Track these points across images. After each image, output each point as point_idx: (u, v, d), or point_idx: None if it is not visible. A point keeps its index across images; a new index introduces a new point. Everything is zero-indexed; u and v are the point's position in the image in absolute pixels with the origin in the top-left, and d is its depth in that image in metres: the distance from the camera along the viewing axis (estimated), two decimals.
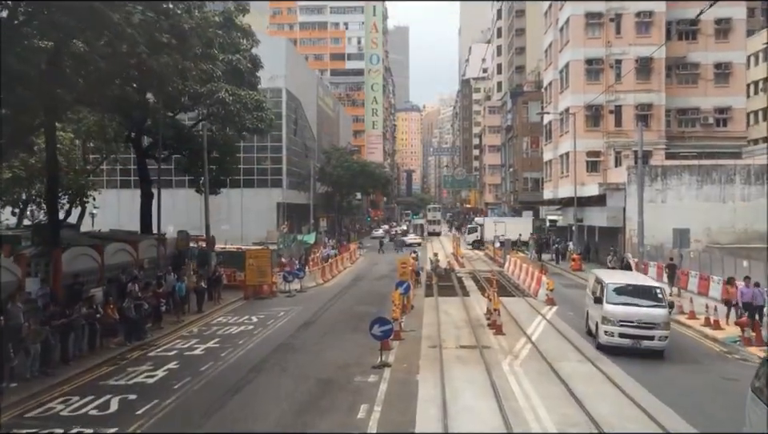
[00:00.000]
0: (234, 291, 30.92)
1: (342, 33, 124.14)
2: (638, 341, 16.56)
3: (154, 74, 18.78)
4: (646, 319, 16.60)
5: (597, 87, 43.62)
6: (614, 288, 17.47)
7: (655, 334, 16.55)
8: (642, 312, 16.70)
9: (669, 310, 17.28)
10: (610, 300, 17.13)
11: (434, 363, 16.23)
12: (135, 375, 15.92)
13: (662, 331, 16.59)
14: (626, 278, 19.75)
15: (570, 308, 25.54)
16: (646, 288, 17.80)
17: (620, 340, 16.73)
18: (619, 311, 16.83)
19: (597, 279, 19.02)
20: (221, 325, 23.00)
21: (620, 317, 16.75)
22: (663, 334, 16.62)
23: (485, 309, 24.10)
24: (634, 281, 18.75)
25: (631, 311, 16.76)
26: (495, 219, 62.64)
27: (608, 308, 16.98)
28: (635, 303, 17.00)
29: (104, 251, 24.04)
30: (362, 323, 21.74)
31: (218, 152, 33.11)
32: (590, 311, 19.33)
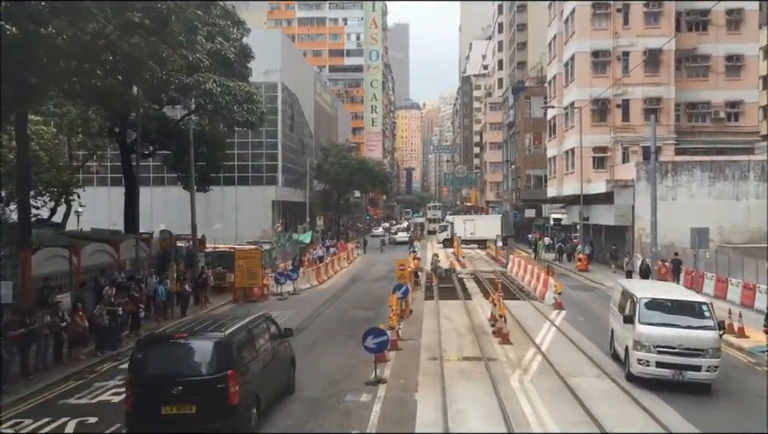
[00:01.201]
0: (223, 293, 29.34)
1: (341, 29, 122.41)
2: (681, 372, 13.25)
3: (128, 59, 17.09)
4: (690, 343, 13.27)
5: (603, 80, 41.89)
6: (649, 304, 14.14)
7: (702, 363, 13.19)
8: (685, 335, 13.38)
9: (719, 332, 13.69)
10: (643, 320, 13.81)
11: (434, 378, 14.56)
12: (101, 392, 14.29)
13: (710, 360, 13.22)
14: (661, 291, 16.07)
15: (580, 312, 23.89)
16: (689, 304, 14.30)
17: (658, 371, 13.40)
18: (656, 333, 13.53)
19: (625, 291, 15.76)
20: None
21: (657, 342, 13.41)
22: (712, 363, 13.24)
23: (488, 314, 22.44)
24: (672, 295, 15.09)
25: (672, 333, 13.45)
26: (465, 217, 62.57)
27: (642, 330, 13.66)
28: (676, 324, 13.69)
29: (81, 251, 22.45)
30: (356, 330, 20.07)
31: (206, 147, 31.40)
32: (616, 329, 15.96)
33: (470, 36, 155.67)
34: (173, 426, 10.29)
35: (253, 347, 11.98)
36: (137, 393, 10.56)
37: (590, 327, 20.92)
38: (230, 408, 10.44)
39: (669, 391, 13.27)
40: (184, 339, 11.17)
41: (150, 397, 10.47)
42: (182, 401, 10.31)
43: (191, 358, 10.94)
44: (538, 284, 28.82)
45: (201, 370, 10.70)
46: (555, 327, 20.77)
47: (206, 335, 11.43)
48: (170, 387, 10.36)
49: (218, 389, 10.38)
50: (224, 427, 10.46)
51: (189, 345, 11.10)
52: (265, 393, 11.96)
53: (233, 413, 10.49)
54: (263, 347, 12.40)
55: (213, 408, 10.39)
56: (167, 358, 10.97)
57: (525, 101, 65.38)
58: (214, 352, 10.75)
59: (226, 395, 10.39)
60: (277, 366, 12.97)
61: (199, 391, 10.44)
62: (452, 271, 37.52)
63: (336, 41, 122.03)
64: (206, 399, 10.40)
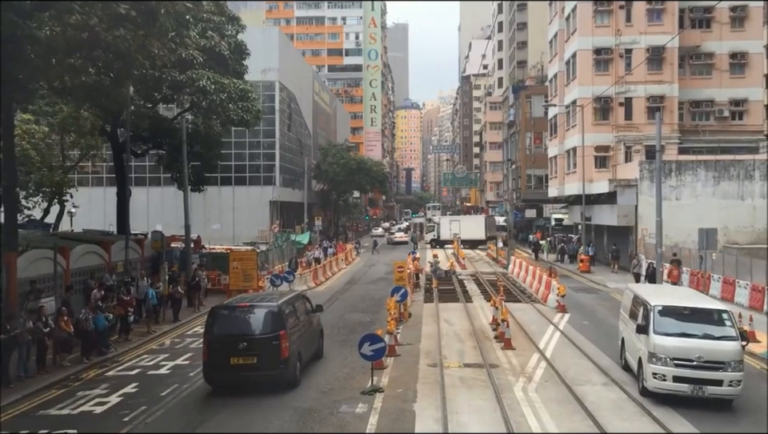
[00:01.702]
0: (218, 296, 28.62)
1: (340, 28, 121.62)
2: (700, 387, 12.14)
3: (115, 53, 16.39)
4: (710, 356, 12.20)
5: (606, 78, 41.20)
6: (664, 312, 13.00)
7: (724, 377, 12.11)
8: (704, 347, 12.32)
9: (742, 343, 12.57)
10: (659, 329, 12.70)
11: (433, 387, 13.86)
12: (84, 402, 13.59)
13: (732, 374, 12.11)
14: (677, 297, 14.78)
15: (584, 316, 23.18)
16: (708, 312, 13.13)
17: (675, 386, 12.30)
18: (673, 345, 12.44)
19: (636, 297, 14.56)
20: (197, 336, 20.56)
21: (674, 354, 12.34)
22: (735, 377, 12.13)
23: (490, 317, 21.76)
24: (689, 301, 13.90)
25: (690, 345, 12.38)
26: (451, 218, 63.05)
27: (657, 341, 12.56)
28: (694, 334, 12.60)
29: (70, 253, 21.75)
30: (352, 335, 19.45)
31: (201, 146, 30.70)
32: (627, 338, 14.85)
33: (469, 36, 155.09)
34: (239, 372, 13.50)
35: (296, 316, 15.18)
36: (211, 348, 13.74)
37: (595, 331, 20.24)
38: (281, 360, 13.61)
39: (686, 405, 12.42)
40: (247, 307, 14.47)
41: (221, 351, 13.59)
42: (246, 354, 13.51)
43: (253, 321, 14.12)
44: (540, 286, 28.13)
45: (260, 330, 13.88)
46: (559, 331, 20.06)
47: (263, 304, 14.58)
48: (237, 343, 13.58)
49: (272, 345, 13.58)
50: (277, 374, 13.61)
51: (251, 312, 14.31)
52: (304, 353, 15.10)
53: (284, 364, 13.67)
54: (302, 318, 15.63)
55: (269, 360, 13.50)
56: (234, 322, 14.24)
57: (525, 100, 64.73)
58: (269, 317, 14.00)
59: (279, 349, 13.59)
60: (311, 333, 16.26)
61: (259, 347, 13.59)
62: (452, 272, 36.83)
63: (335, 40, 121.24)
64: (263, 352, 13.52)
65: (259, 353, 13.50)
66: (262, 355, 13.47)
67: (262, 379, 13.54)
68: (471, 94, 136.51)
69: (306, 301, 16.96)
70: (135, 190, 58.30)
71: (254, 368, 13.44)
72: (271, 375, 13.55)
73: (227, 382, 13.74)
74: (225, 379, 13.73)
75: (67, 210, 39.16)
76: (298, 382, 14.22)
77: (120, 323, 19.62)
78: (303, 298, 17.03)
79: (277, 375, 13.61)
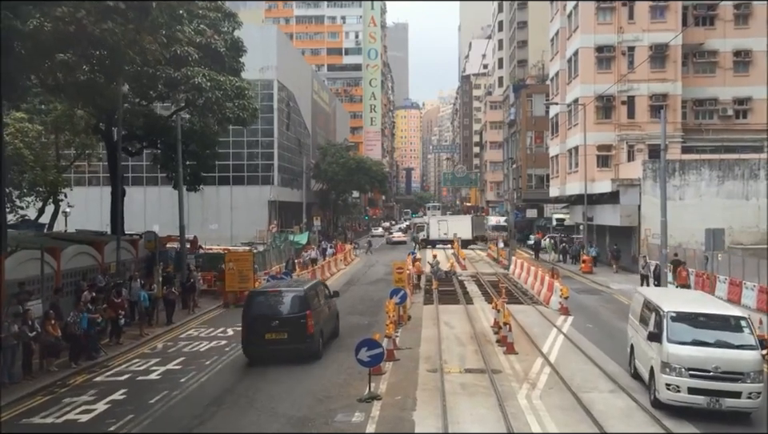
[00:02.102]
0: (214, 297, 28.10)
1: (340, 27, 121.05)
2: (717, 399, 11.36)
3: (103, 47, 15.87)
4: (728, 366, 11.42)
5: (608, 76, 40.63)
6: (678, 319, 12.19)
7: (743, 389, 11.33)
8: (722, 356, 11.54)
9: (762, 352, 11.92)
10: (673, 337, 11.91)
11: (434, 394, 13.31)
12: (70, 409, 13.05)
13: (752, 385, 11.35)
14: (691, 302, 13.89)
15: (587, 318, 22.63)
16: (725, 318, 12.34)
17: (690, 398, 11.52)
18: (688, 354, 11.67)
19: (648, 302, 13.74)
20: (190, 340, 20.09)
21: (689, 364, 11.56)
22: (754, 389, 11.36)
23: (491, 320, 21.22)
24: (704, 307, 13.11)
25: (706, 354, 11.61)
26: (439, 218, 63.97)
27: (671, 350, 11.77)
28: (711, 342, 11.85)
29: (61, 254, 21.20)
30: (350, 339, 18.86)
31: (196, 145, 30.17)
32: (637, 345, 14.06)
33: (469, 35, 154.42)
34: (272, 346, 16.04)
35: (318, 299, 17.73)
36: (249, 326, 16.42)
37: (599, 334, 19.70)
38: (308, 335, 16.18)
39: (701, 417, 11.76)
40: (278, 292, 17.33)
41: (257, 328, 16.22)
42: (278, 330, 16.09)
43: (284, 304, 16.67)
44: (542, 288, 27.57)
45: (290, 311, 16.38)
46: (563, 334, 19.51)
47: (291, 290, 17.37)
48: (271, 321, 16.18)
49: (300, 323, 16.10)
50: (304, 347, 16.17)
51: (282, 296, 17.01)
52: (325, 330, 17.73)
53: (310, 338, 16.27)
54: (322, 301, 18.22)
55: (297, 335, 16.03)
56: (268, 304, 16.84)
57: (526, 99, 64.19)
58: (297, 300, 16.55)
59: (306, 327, 16.15)
60: (330, 315, 18.92)
61: (289, 324, 16.13)
62: (452, 273, 36.27)
63: (334, 39, 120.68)
64: (293, 329, 16.05)
65: (289, 330, 16.11)
66: (291, 332, 16.08)
67: (292, 351, 16.09)
68: (471, 93, 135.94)
69: (326, 288, 19.91)
70: (132, 190, 58.13)
71: (285, 342, 16.06)
72: (299, 348, 16.14)
73: (262, 354, 16.34)
74: (260, 351, 16.36)
75: (62, 210, 38.61)
76: (321, 354, 16.80)
77: (111, 327, 19.07)
78: (323, 285, 20.22)
79: (304, 348, 16.21)
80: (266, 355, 16.15)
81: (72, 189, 38.32)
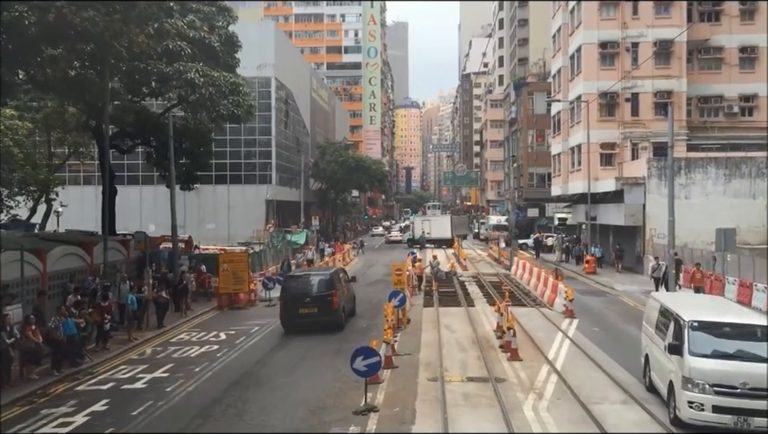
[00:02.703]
0: (208, 299, 27.29)
1: (339, 25, 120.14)
2: (745, 419, 10.22)
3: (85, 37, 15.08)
4: (758, 381, 10.21)
5: (611, 73, 39.86)
6: (701, 329, 11.05)
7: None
8: (750, 371, 10.36)
9: None
10: (695, 350, 10.77)
11: (434, 405, 12.52)
12: (47, 422, 12.28)
13: None
14: (713, 310, 12.66)
15: (593, 321, 21.84)
16: (752, 329, 11.18)
17: (715, 417, 10.39)
18: (713, 368, 10.54)
19: (665, 310, 12.60)
20: (181, 344, 19.30)
21: (714, 379, 10.41)
22: None
23: (494, 324, 20.42)
24: (728, 315, 11.95)
25: (733, 368, 10.49)
26: (422, 218, 64.97)
27: (693, 364, 10.63)
28: (738, 355, 10.72)
29: (47, 255, 20.41)
30: (346, 344, 18.10)
31: (190, 143, 29.38)
32: (653, 355, 12.89)
33: (469, 34, 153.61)
34: (305, 319, 19.62)
35: (340, 282, 21.41)
36: (286, 303, 20.19)
37: (606, 338, 18.91)
38: (333, 310, 19.90)
39: None
40: (309, 276, 21.45)
41: (292, 304, 19.94)
42: (310, 306, 19.76)
43: (314, 285, 20.38)
44: (545, 289, 26.76)
45: (319, 290, 20.07)
46: (569, 339, 18.70)
47: (319, 273, 21.79)
48: (303, 299, 19.87)
49: (327, 300, 19.76)
50: (330, 319, 19.84)
51: (312, 278, 20.96)
52: (346, 307, 21.48)
53: (335, 312, 20.00)
54: (344, 284, 21.98)
55: (325, 310, 19.71)
56: (301, 285, 20.66)
57: (527, 97, 63.36)
58: (324, 282, 20.36)
59: (332, 303, 19.83)
60: (349, 296, 22.61)
61: (318, 301, 19.75)
62: (453, 273, 35.47)
63: (334, 38, 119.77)
64: (321, 305, 19.73)
65: (318, 305, 19.75)
66: (320, 307, 19.74)
67: (321, 323, 19.69)
68: (471, 92, 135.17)
69: (345, 274, 23.97)
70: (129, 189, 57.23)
71: (315, 316, 19.69)
72: (327, 320, 19.83)
73: (297, 326, 19.86)
74: (295, 324, 19.91)
75: (54, 210, 37.81)
76: (343, 326, 20.54)
77: (97, 331, 18.28)
78: (343, 271, 24.57)
79: (330, 320, 19.90)
80: (300, 326, 19.82)
81: (64, 188, 37.49)
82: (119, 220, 43.37)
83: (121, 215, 49.55)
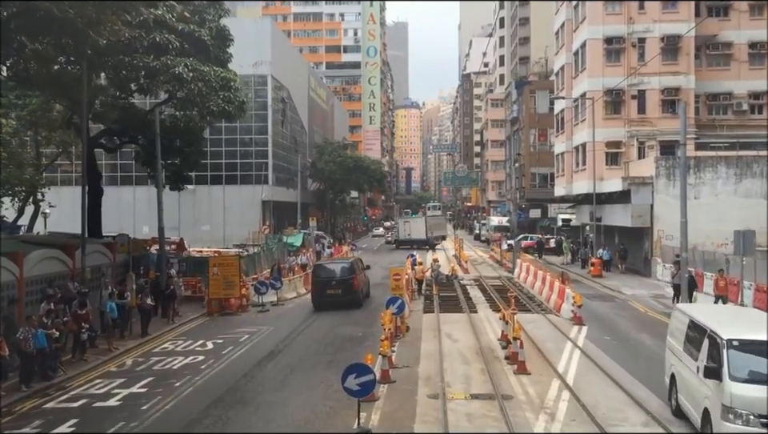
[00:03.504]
0: (199, 304, 26.02)
1: (338, 24, 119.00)
2: None
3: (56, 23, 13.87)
4: None
5: (617, 69, 38.74)
6: (741, 349, 9.51)
7: None
8: None
9: None
10: (737, 374, 9.26)
11: (435, 427, 11.30)
12: None
13: None
14: (752, 325, 10.96)
15: (604, 329, 20.61)
16: None
17: None
18: (758, 396, 9.00)
19: (695, 324, 11.12)
20: (164, 355, 18.07)
21: (762, 409, 8.93)
22: None
23: (498, 332, 19.20)
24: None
25: None
26: (404, 220, 66.63)
27: (736, 391, 9.12)
28: None
29: (24, 259, 19.15)
30: (340, 354, 16.94)
31: (181, 141, 28.16)
32: (679, 376, 11.42)
33: (469, 35, 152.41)
34: (331, 298, 24.28)
35: (359, 269, 26.09)
36: (316, 285, 25.13)
37: (620, 349, 17.68)
38: (354, 291, 24.54)
39: None
40: (334, 264, 26.83)
41: (321, 287, 24.77)
42: (335, 288, 24.48)
43: (338, 270, 25.26)
44: (551, 294, 25.53)
45: (342, 275, 24.75)
46: (579, 349, 17.46)
47: (342, 262, 27.06)
48: (330, 282, 24.67)
49: (349, 283, 24.41)
50: (351, 298, 24.32)
51: (336, 266, 26.02)
52: (363, 290, 26.13)
53: (356, 292, 24.69)
54: (361, 270, 26.62)
55: (348, 291, 24.33)
56: (329, 271, 25.58)
57: (529, 95, 62.14)
58: (346, 268, 25.17)
59: (353, 285, 24.50)
60: (365, 281, 27.13)
61: (342, 284, 24.43)
62: (454, 277, 34.23)
63: (333, 37, 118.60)
64: (345, 287, 24.36)
65: (342, 287, 24.50)
66: (344, 288, 24.48)
67: (344, 301, 24.30)
68: (472, 92, 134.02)
69: (362, 262, 28.71)
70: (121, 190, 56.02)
71: (339, 296, 24.45)
72: (349, 299, 24.40)
73: (325, 304, 24.46)
74: (323, 302, 24.60)
75: (41, 211, 36.61)
76: (362, 304, 25.23)
77: (73, 341, 17.05)
78: (360, 261, 28.87)
79: (351, 299, 24.47)
80: (327, 304, 24.36)
81: (50, 189, 36.23)
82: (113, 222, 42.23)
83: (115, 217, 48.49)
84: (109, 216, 34.46)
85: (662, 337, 17.42)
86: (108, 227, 49.74)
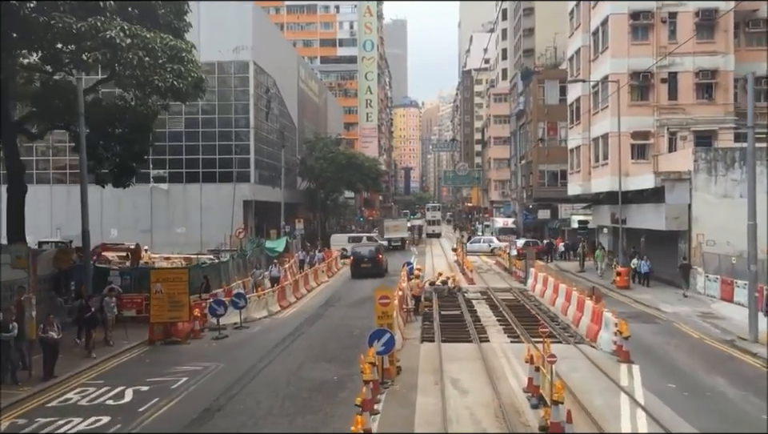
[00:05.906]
0: (144, 327, 20.76)
1: (333, 17, 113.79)
2: None
3: None
4: None
5: (645, 49, 33.58)
6: None
7: None
8: None
9: None
10: None
11: None
12: None
13: None
14: None
15: (661, 370, 15.42)
16: None
17: None
18: None
19: None
20: (58, 413, 12.91)
21: None
22: None
23: (521, 375, 14.09)
24: None
25: None
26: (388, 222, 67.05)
27: None
28: None
29: None
30: (303, 417, 11.77)
31: (122, 126, 23.03)
32: None
33: (469, 33, 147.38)
34: (364, 270, 37.12)
35: (382, 250, 41.44)
36: (354, 261, 38.27)
37: (693, 404, 12.54)
38: (381, 266, 37.79)
39: None
40: (365, 247, 41.96)
41: (357, 262, 38.02)
42: (366, 263, 37.66)
43: (368, 250, 39.56)
44: (581, 316, 20.39)
45: (371, 253, 38.52)
46: (640, 407, 12.29)
47: (371, 244, 44.32)
48: (363, 258, 37.99)
49: (377, 259, 37.81)
50: (378, 271, 36.90)
51: (365, 248, 40.54)
52: (384, 265, 38.52)
53: (380, 267, 37.59)
54: (383, 251, 41.42)
55: (376, 264, 37.43)
56: (362, 251, 39.42)
57: (538, 86, 56.94)
58: (374, 249, 39.75)
59: (380, 261, 37.99)
60: (385, 260, 39.42)
61: (372, 259, 37.77)
62: (457, 289, 29.11)
63: (328, 30, 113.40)
64: (373, 262, 37.64)
65: (372, 262, 37.05)
66: (373, 263, 37.03)
67: (373, 272, 36.14)
68: (472, 89, 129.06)
69: (382, 246, 45.08)
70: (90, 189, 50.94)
71: (370, 269, 36.54)
72: (376, 271, 36.23)
73: (360, 274, 36.37)
74: (359, 272, 36.67)
75: None
76: (384, 275, 36.26)
77: None
78: (381, 245, 45.15)
79: (378, 271, 36.25)
80: (361, 274, 36.20)
81: None
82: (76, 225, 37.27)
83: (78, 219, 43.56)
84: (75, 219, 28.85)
85: (745, 383, 13.93)
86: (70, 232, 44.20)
